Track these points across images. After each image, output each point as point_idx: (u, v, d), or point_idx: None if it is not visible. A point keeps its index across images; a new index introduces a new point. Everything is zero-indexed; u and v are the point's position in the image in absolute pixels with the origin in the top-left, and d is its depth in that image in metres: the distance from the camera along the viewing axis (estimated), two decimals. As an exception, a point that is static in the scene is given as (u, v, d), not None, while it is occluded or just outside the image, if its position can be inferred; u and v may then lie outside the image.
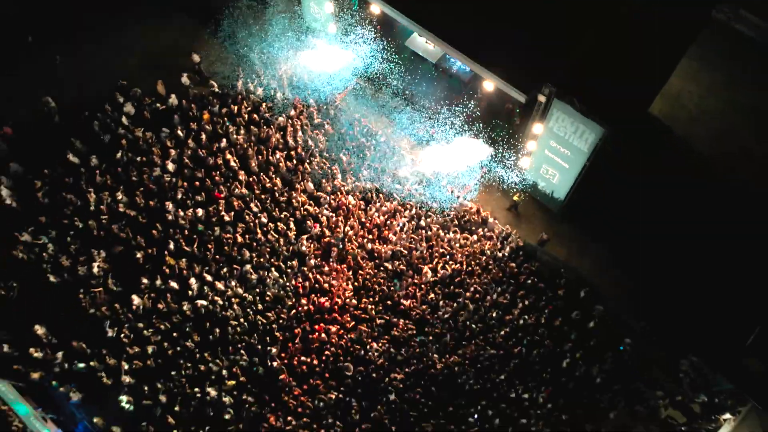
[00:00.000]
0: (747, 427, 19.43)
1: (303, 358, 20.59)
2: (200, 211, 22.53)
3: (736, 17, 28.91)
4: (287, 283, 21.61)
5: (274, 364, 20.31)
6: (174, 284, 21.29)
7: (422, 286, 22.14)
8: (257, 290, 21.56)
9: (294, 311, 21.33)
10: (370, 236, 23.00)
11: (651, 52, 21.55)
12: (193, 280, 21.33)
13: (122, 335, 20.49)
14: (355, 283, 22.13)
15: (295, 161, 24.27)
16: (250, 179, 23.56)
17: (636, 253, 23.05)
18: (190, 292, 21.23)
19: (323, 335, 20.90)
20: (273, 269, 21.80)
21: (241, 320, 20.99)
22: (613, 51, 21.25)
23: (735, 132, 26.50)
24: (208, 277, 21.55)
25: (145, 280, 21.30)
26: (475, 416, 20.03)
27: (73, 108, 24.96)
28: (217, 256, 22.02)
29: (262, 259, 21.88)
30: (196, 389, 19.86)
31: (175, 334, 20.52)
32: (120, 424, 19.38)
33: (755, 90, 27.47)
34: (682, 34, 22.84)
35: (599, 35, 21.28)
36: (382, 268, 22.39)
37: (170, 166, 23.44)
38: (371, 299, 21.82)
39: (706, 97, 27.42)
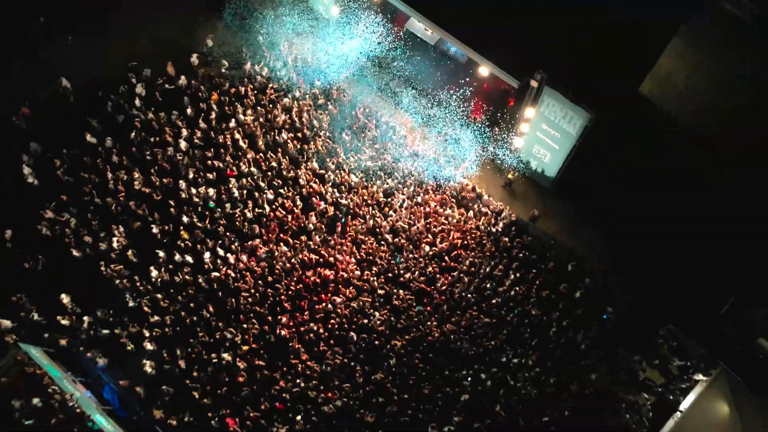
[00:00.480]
0: (717, 388, 21.15)
1: (310, 327, 22.14)
2: (211, 190, 23.83)
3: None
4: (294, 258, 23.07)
5: (284, 332, 21.90)
6: (189, 258, 22.75)
7: (421, 259, 23.59)
8: (266, 263, 23.02)
9: (301, 284, 22.82)
10: (372, 212, 24.37)
11: (639, 37, 22.67)
12: (207, 254, 22.79)
13: (143, 305, 21.97)
14: (359, 257, 23.56)
15: (300, 141, 25.48)
16: (258, 157, 24.81)
17: (621, 230, 24.46)
18: (205, 266, 22.70)
19: (329, 305, 22.46)
20: (282, 244, 23.24)
21: (252, 291, 22.48)
22: (603, 37, 22.37)
23: (719, 108, 27.55)
24: (221, 251, 23.01)
25: (162, 254, 22.71)
26: (469, 379, 21.62)
27: (87, 89, 25.98)
28: (228, 232, 23.41)
29: (271, 234, 23.31)
30: (212, 355, 21.42)
31: (192, 305, 22.03)
32: (143, 386, 21.04)
33: (740, 67, 28.52)
34: (671, 19, 23.93)
35: (589, 23, 22.38)
36: (383, 243, 23.83)
37: (183, 145, 24.62)
38: (373, 272, 23.25)
39: (693, 76, 28.44)
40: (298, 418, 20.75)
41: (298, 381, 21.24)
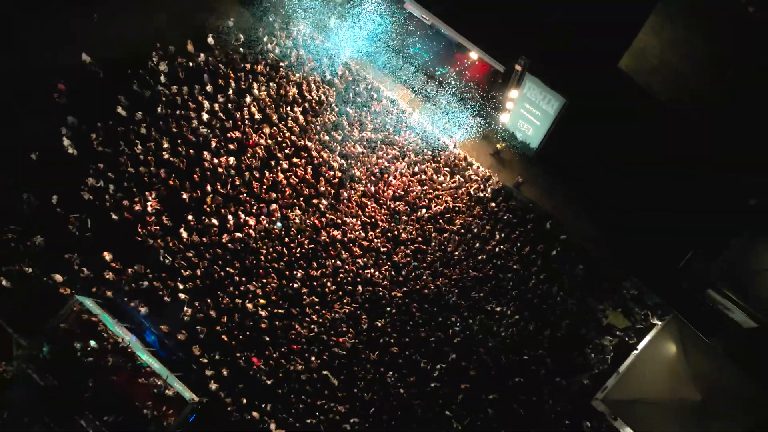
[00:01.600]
0: (669, 332, 24.61)
1: (322, 281, 25.39)
2: (232, 159, 26.72)
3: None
4: (307, 220, 26.20)
5: (297, 285, 25.15)
6: (215, 220, 25.83)
7: (418, 221, 26.74)
8: (282, 225, 26.12)
9: (312, 244, 25.97)
10: (374, 179, 27.39)
11: (619, 16, 25.38)
12: (230, 217, 25.83)
13: (175, 263, 25.15)
14: (363, 219, 26.63)
15: (309, 114, 28.20)
16: (272, 130, 27.58)
17: (593, 192, 27.60)
18: (228, 227, 25.76)
19: (337, 261, 25.74)
20: (296, 208, 26.30)
21: (270, 250, 25.68)
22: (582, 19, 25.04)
23: (688, 82, 30.11)
24: (242, 215, 26.04)
25: (190, 217, 25.73)
26: (458, 325, 25.04)
27: (114, 65, 28.25)
28: (248, 197, 26.37)
29: (286, 200, 26.32)
30: (238, 302, 24.56)
31: (219, 262, 25.21)
32: (181, 330, 24.43)
33: (711, 44, 30.92)
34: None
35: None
36: (384, 207, 26.93)
37: (205, 117, 27.33)
38: (376, 232, 26.40)
39: (666, 51, 30.84)
40: (313, 357, 24.28)
41: (312, 327, 24.64)
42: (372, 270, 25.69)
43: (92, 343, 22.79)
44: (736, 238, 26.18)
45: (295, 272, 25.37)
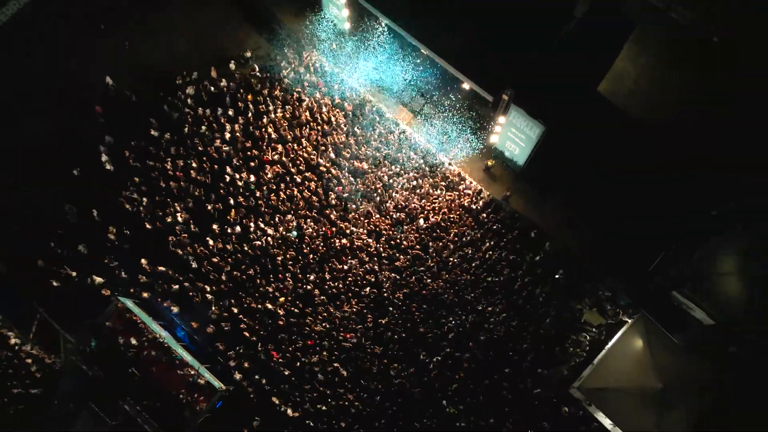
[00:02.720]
0: (636, 329, 27.81)
1: (332, 283, 28.69)
2: (252, 175, 29.91)
3: (671, 5, 35.01)
4: (320, 229, 29.43)
5: (310, 287, 28.36)
6: (237, 229, 29.01)
7: (417, 230, 29.99)
8: (296, 234, 29.36)
9: (325, 248, 29.24)
10: (379, 193, 30.62)
11: (597, 44, 28.58)
12: (251, 226, 29.01)
13: (202, 267, 28.38)
14: (369, 229, 29.85)
15: (320, 135, 31.39)
16: (287, 147, 30.78)
17: (575, 204, 30.76)
18: (249, 236, 28.99)
19: (345, 266, 28.99)
20: (309, 219, 29.54)
21: (286, 255, 28.91)
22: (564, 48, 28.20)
23: (662, 104, 33.23)
24: (261, 224, 29.24)
25: (215, 227, 28.97)
26: (453, 322, 28.23)
27: (145, 89, 31.47)
28: (266, 209, 29.55)
29: (301, 211, 29.57)
30: (258, 304, 27.90)
31: (241, 266, 28.43)
32: (209, 325, 27.67)
33: (681, 69, 34.05)
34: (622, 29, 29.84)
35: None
36: (387, 218, 30.16)
37: (227, 137, 30.51)
38: (380, 241, 29.59)
39: (641, 76, 34.01)
40: (324, 351, 27.52)
41: (324, 324, 27.87)
42: (376, 274, 28.82)
43: (132, 340, 26.06)
44: (699, 243, 29.27)
45: (308, 275, 28.55)
